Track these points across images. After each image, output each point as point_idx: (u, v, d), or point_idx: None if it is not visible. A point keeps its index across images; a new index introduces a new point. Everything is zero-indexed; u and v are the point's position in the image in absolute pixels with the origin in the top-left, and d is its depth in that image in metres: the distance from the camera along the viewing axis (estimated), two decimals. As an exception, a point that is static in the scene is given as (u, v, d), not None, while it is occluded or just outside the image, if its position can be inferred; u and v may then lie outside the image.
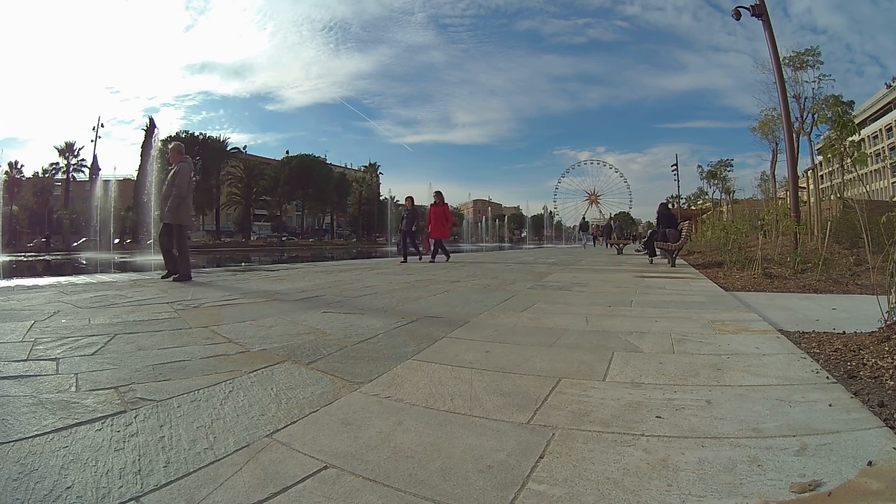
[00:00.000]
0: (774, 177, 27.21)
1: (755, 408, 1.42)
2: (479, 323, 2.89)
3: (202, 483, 1.02)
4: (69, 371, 1.80)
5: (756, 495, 0.95)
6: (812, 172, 22.89)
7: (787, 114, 8.58)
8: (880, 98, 43.53)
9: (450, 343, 2.35)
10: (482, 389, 1.64)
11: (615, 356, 2.04)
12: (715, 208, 26.07)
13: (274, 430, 1.29)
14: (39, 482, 1.00)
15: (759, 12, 8.04)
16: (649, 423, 1.32)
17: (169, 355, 2.06)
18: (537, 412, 1.42)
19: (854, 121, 3.69)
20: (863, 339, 2.10)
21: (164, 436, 1.25)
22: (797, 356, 1.98)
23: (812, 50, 23.10)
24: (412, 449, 1.19)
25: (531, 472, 1.07)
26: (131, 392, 1.58)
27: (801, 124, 22.91)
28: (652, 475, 1.04)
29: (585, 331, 2.64)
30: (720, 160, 34.85)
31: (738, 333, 2.49)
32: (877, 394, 1.49)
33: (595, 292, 4.47)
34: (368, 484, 1.02)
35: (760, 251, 6.26)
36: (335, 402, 1.52)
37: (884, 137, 42.95)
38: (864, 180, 8.26)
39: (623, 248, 15.19)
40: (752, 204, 20.95)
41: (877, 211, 3.31)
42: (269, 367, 1.90)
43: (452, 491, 0.99)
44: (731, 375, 1.76)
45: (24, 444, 1.18)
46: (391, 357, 2.07)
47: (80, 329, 2.61)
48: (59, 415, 1.37)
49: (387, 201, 60.89)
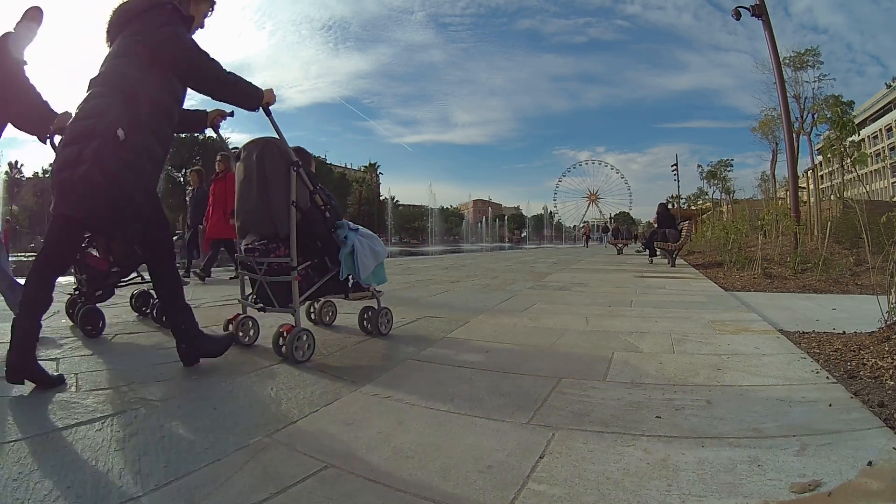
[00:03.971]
0: (774, 177, 27.21)
1: (755, 408, 1.42)
2: (479, 323, 2.89)
3: (202, 483, 1.02)
4: (69, 371, 1.80)
5: (756, 495, 0.95)
6: (812, 172, 22.87)
7: (787, 114, 8.58)
8: (880, 98, 43.51)
9: (449, 343, 2.35)
10: (482, 389, 1.64)
11: (615, 356, 2.04)
12: (715, 208, 26.09)
13: (274, 430, 1.29)
14: (39, 482, 1.00)
15: (759, 12, 8.04)
16: (649, 423, 1.32)
17: (169, 355, 2.06)
18: (537, 412, 1.42)
19: (854, 121, 3.69)
20: (863, 339, 2.10)
21: (164, 436, 1.25)
22: (797, 356, 1.99)
23: (812, 50, 23.12)
24: (412, 449, 1.19)
25: (531, 472, 1.07)
26: (131, 392, 1.58)
27: (801, 124, 22.90)
28: (652, 475, 1.04)
29: (585, 331, 2.64)
30: (720, 160, 34.87)
31: (738, 333, 2.50)
32: (877, 394, 1.49)
33: (595, 292, 4.48)
34: (368, 484, 1.02)
35: (760, 251, 6.27)
36: (335, 402, 1.52)
37: (884, 137, 42.95)
38: (864, 180, 8.27)
39: (623, 248, 15.20)
40: (752, 204, 20.95)
41: (877, 211, 3.31)
42: (269, 367, 1.90)
43: (452, 491, 0.99)
44: (731, 375, 1.76)
45: (24, 444, 1.18)
46: (391, 357, 2.07)
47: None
48: (59, 415, 1.37)
49: (387, 201, 60.95)
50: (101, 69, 1.73)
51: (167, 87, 1.76)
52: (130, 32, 1.72)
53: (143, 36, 1.70)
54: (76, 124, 1.65)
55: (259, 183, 2.09)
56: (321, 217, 2.16)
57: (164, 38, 1.69)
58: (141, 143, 1.67)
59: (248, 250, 2.19)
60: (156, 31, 1.69)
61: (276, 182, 2.05)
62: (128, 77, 1.67)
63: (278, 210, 2.04)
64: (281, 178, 2.04)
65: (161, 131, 1.75)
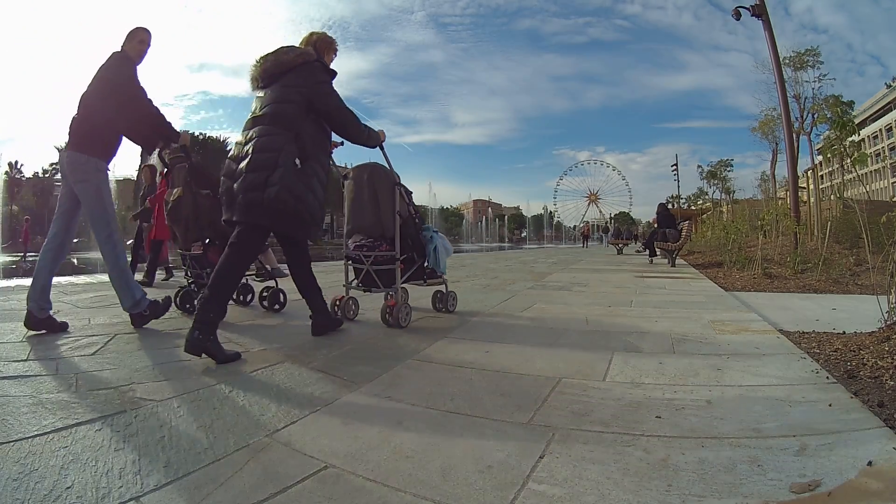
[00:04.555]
0: (774, 177, 27.21)
1: (755, 408, 1.42)
2: (479, 323, 2.89)
3: (202, 483, 1.02)
4: (69, 371, 1.80)
5: (756, 495, 0.95)
6: (812, 172, 22.83)
7: (787, 114, 8.58)
8: (880, 98, 43.51)
9: (450, 343, 2.35)
10: (482, 389, 1.64)
11: (615, 356, 2.04)
12: (715, 208, 26.05)
13: (274, 430, 1.29)
14: (39, 482, 1.00)
15: (759, 12, 8.04)
16: (649, 423, 1.32)
17: (169, 355, 2.06)
18: (537, 412, 1.42)
19: (854, 121, 3.68)
20: (863, 339, 2.10)
21: (164, 436, 1.25)
22: (797, 356, 1.98)
23: (812, 50, 23.11)
24: (412, 449, 1.19)
25: (531, 472, 1.07)
26: (131, 392, 1.58)
27: (801, 124, 22.90)
28: (652, 475, 1.04)
29: (585, 331, 2.64)
30: (720, 160, 34.73)
31: (738, 333, 2.50)
32: (877, 394, 1.49)
33: (595, 292, 4.48)
34: (368, 484, 1.02)
35: (760, 251, 6.26)
36: (335, 402, 1.52)
37: (884, 137, 42.94)
38: (864, 180, 8.26)
39: (623, 248, 15.20)
40: (752, 204, 20.91)
41: (877, 211, 3.31)
42: (269, 366, 1.90)
43: (452, 491, 0.99)
44: (731, 375, 1.76)
45: (24, 444, 1.18)
46: (391, 357, 2.07)
47: (80, 329, 2.62)
48: (59, 415, 1.37)
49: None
50: (264, 110, 2.20)
51: (321, 127, 2.31)
52: (289, 83, 2.22)
53: (304, 89, 2.21)
54: (257, 156, 2.10)
55: (370, 197, 2.71)
56: (413, 222, 2.82)
57: (322, 95, 2.25)
58: (311, 169, 2.19)
59: (357, 247, 2.82)
60: (314, 87, 2.23)
61: (384, 197, 2.69)
62: (294, 120, 2.18)
63: (386, 217, 2.69)
64: (388, 194, 2.70)
65: (321, 159, 2.28)
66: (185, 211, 3.06)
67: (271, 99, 2.21)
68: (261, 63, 2.27)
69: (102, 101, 2.53)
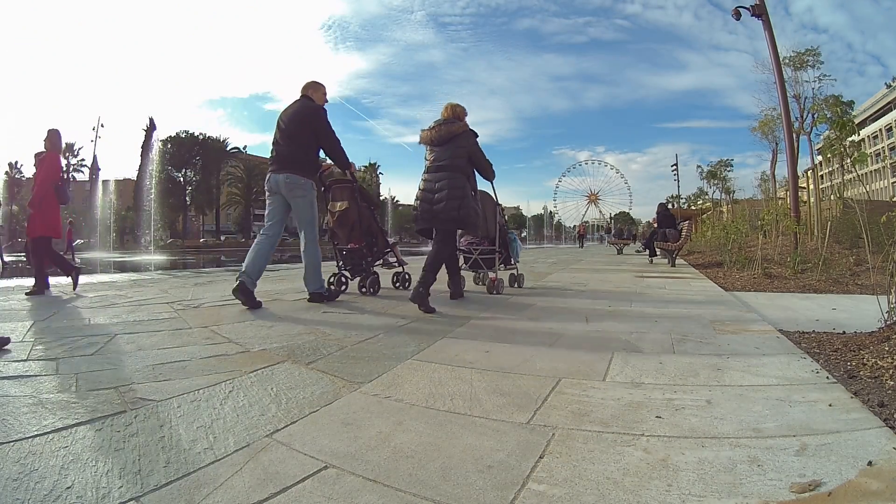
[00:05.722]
0: (774, 177, 27.20)
1: (755, 408, 1.42)
2: (480, 323, 2.89)
3: (202, 483, 1.02)
4: (69, 371, 1.80)
5: (756, 495, 0.95)
6: (812, 172, 22.88)
7: (787, 114, 8.58)
8: (880, 98, 43.48)
9: (450, 343, 2.35)
10: (482, 389, 1.64)
11: (615, 356, 2.04)
12: (715, 208, 26.06)
13: (274, 430, 1.29)
14: (39, 482, 1.00)
15: (759, 12, 8.03)
16: (649, 423, 1.32)
17: (169, 355, 2.06)
18: (537, 412, 1.42)
19: (854, 121, 3.69)
20: (863, 339, 2.10)
21: (164, 436, 1.25)
22: (797, 356, 1.98)
23: (812, 50, 23.08)
24: (412, 449, 1.19)
25: (531, 472, 1.07)
26: (131, 392, 1.58)
27: (801, 124, 22.87)
28: (652, 475, 1.04)
29: (585, 331, 2.64)
30: (720, 160, 34.65)
31: (738, 333, 2.50)
32: (877, 394, 1.49)
33: (595, 292, 4.48)
34: (368, 484, 1.02)
35: (760, 251, 6.27)
36: (335, 402, 1.52)
37: (884, 137, 42.92)
38: (864, 180, 8.25)
39: (623, 248, 15.20)
40: (752, 204, 20.92)
41: (877, 211, 3.31)
42: (269, 367, 1.90)
43: (452, 491, 0.99)
44: (731, 375, 1.76)
45: (24, 444, 1.18)
46: (391, 357, 2.07)
47: (80, 329, 2.62)
48: (59, 415, 1.37)
49: (387, 201, 60.82)
50: (445, 162, 3.47)
51: (474, 171, 3.66)
52: (458, 145, 3.50)
53: (466, 150, 3.53)
54: (451, 192, 3.38)
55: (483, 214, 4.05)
56: (504, 229, 4.52)
57: (477, 155, 3.62)
58: (476, 198, 3.63)
59: (469, 243, 4.56)
60: (471, 148, 3.56)
61: (489, 213, 4.29)
62: (466, 168, 3.52)
63: (492, 226, 4.34)
64: (491, 212, 4.34)
65: (476, 192, 3.65)
66: (352, 218, 4.06)
67: (449, 155, 3.47)
68: (434, 131, 3.53)
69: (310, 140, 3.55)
